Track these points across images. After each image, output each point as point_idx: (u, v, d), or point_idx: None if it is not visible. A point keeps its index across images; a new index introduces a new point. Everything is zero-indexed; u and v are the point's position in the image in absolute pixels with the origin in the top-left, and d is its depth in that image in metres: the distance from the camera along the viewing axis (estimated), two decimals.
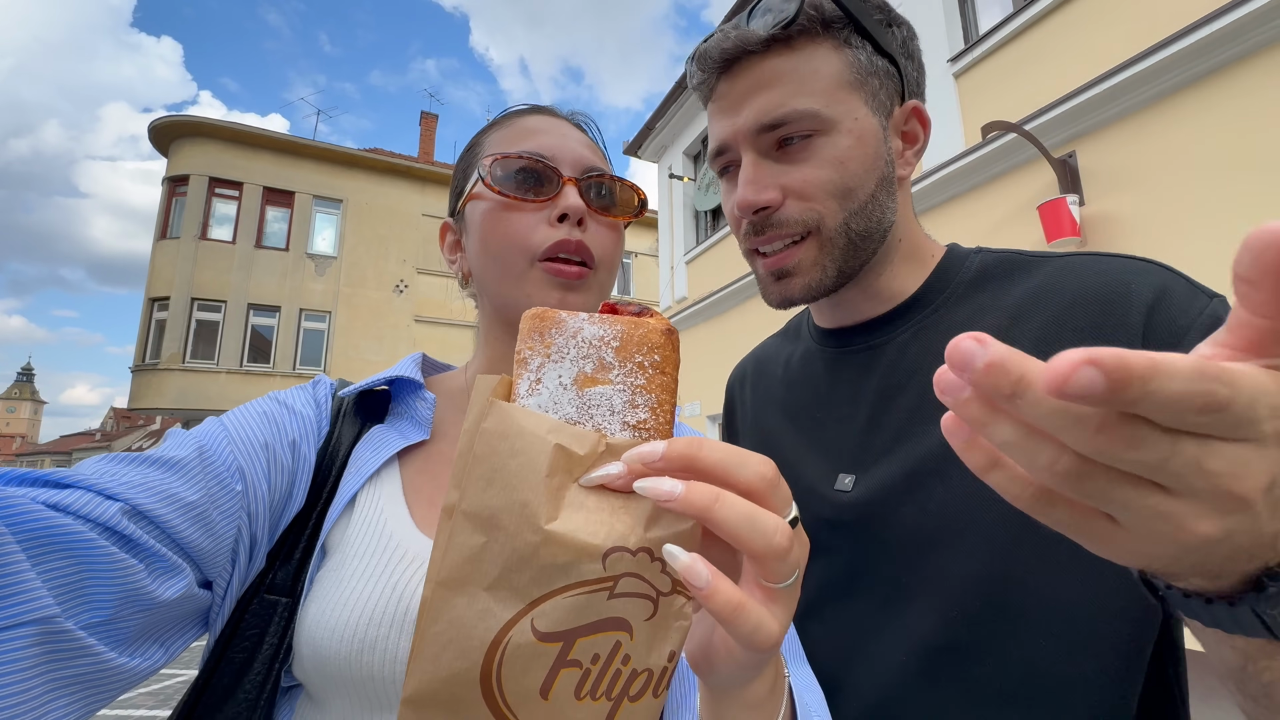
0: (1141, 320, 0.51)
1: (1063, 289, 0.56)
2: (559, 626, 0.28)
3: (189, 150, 13.80)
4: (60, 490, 0.38)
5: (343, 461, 0.54)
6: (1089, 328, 0.53)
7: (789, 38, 0.59)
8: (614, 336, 0.32)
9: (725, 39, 0.61)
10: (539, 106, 0.65)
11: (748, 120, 0.61)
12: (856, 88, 0.60)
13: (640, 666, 0.29)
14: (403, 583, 0.47)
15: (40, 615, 0.33)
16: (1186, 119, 3.15)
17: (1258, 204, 2.84)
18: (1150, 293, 0.52)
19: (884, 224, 0.62)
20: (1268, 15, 2.79)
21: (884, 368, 0.64)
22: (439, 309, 15.36)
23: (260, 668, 0.46)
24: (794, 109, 0.58)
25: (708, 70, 0.63)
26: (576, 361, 0.31)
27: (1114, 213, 3.41)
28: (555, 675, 0.28)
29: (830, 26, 0.60)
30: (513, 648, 0.28)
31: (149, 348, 13.24)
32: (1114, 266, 0.56)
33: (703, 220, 8.21)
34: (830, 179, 0.59)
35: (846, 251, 0.61)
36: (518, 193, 0.56)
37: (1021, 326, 0.57)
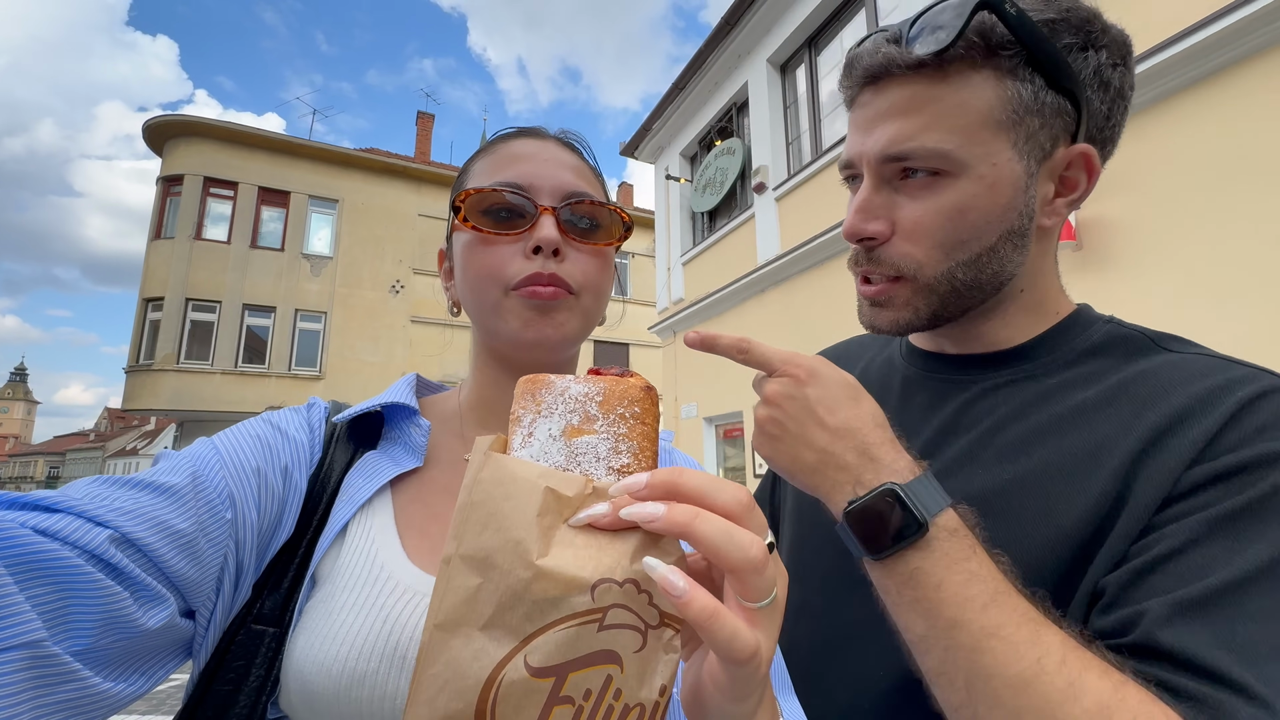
0: (1218, 425, 0.47)
1: (1163, 378, 0.53)
2: (551, 661, 0.29)
3: (184, 150, 13.73)
4: (49, 515, 0.37)
5: (334, 488, 0.54)
6: (1171, 416, 0.50)
7: (945, 63, 0.54)
8: (598, 393, 0.35)
9: (875, 52, 0.58)
10: (527, 129, 0.64)
11: (875, 145, 0.57)
12: (1007, 128, 0.54)
13: (632, 701, 0.30)
14: (394, 615, 0.46)
15: (28, 639, 0.33)
16: (1183, 123, 3.15)
17: (1251, 209, 2.85)
18: (1246, 393, 0.48)
19: (1001, 276, 0.58)
20: (1264, 19, 2.80)
21: (958, 406, 0.62)
22: (435, 309, 15.31)
23: (246, 701, 0.45)
24: (923, 145, 0.54)
25: (852, 82, 0.61)
26: (564, 415, 0.34)
27: (1111, 215, 3.41)
28: (548, 713, 0.29)
29: (996, 54, 0.53)
30: (506, 685, 0.29)
31: (143, 348, 13.17)
32: (1224, 368, 0.51)
33: (699, 221, 8.21)
34: (942, 227, 0.56)
35: (947, 298, 0.59)
36: (493, 226, 0.56)
37: (1112, 408, 0.53)
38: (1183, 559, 0.44)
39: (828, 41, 6.14)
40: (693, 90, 7.87)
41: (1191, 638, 0.41)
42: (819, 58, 6.27)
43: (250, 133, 14.16)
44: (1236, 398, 0.48)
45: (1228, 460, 0.46)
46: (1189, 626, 0.42)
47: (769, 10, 6.45)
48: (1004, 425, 0.58)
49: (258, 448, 0.51)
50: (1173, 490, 0.47)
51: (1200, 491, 0.46)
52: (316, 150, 14.78)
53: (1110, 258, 3.40)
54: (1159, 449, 0.49)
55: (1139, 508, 0.48)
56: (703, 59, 7.40)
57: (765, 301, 6.48)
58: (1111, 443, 0.51)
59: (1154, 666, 0.42)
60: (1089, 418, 0.54)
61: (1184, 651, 0.41)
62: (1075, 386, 0.57)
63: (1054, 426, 0.55)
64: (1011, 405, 0.59)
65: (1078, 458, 0.52)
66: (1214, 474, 0.46)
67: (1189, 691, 0.40)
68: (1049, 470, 0.53)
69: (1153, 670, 0.41)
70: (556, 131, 0.65)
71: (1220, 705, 0.38)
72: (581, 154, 0.64)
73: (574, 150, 0.64)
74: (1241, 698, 0.38)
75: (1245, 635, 0.41)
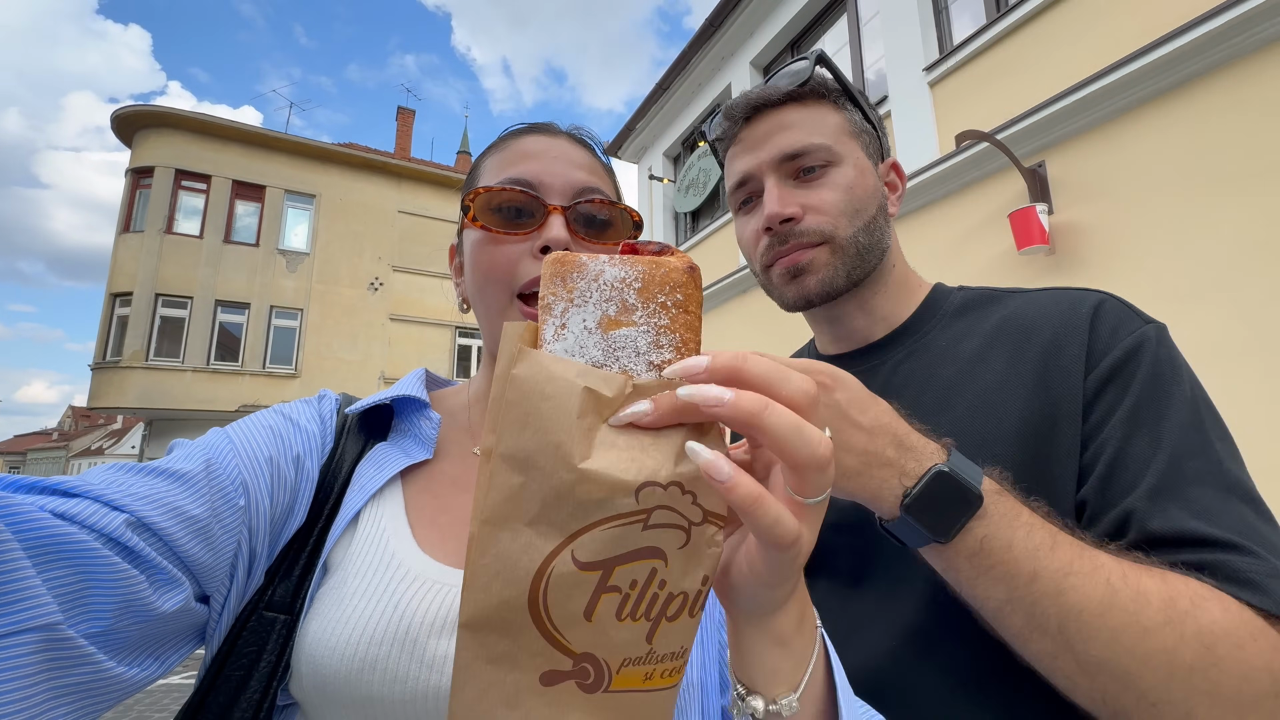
0: (1086, 329, 0.62)
1: (1023, 318, 0.67)
2: (597, 556, 0.29)
3: (154, 141, 13.36)
4: (67, 499, 0.38)
5: (345, 478, 0.54)
6: (1048, 343, 0.63)
7: (802, 95, 0.73)
8: (635, 278, 0.32)
9: (749, 95, 0.75)
10: (538, 125, 0.63)
11: (771, 152, 0.73)
12: (854, 137, 0.75)
13: (676, 590, 0.31)
14: (405, 602, 0.46)
15: (44, 622, 0.33)
16: (1151, 132, 3.25)
17: (1213, 216, 2.95)
18: (1089, 308, 0.63)
19: (883, 244, 0.75)
20: (1226, 34, 2.90)
21: (880, 386, 0.70)
22: (414, 307, 15.14)
23: (257, 686, 0.46)
24: (812, 143, 0.72)
25: (735, 118, 0.75)
26: (600, 305, 0.32)
27: (1081, 222, 3.51)
28: (597, 600, 0.30)
29: (831, 93, 0.75)
30: (556, 576, 0.29)
31: (110, 345, 12.78)
32: (1066, 295, 0.67)
33: (682, 222, 8.23)
34: (842, 200, 0.71)
35: (855, 259, 0.72)
36: (502, 225, 0.55)
37: (996, 349, 0.67)
38: (1125, 459, 0.56)
39: (810, 45, 6.21)
40: (676, 91, 7.88)
41: (1170, 519, 0.52)
42: None
43: (224, 125, 13.83)
44: (1083, 313, 0.63)
45: (1105, 363, 0.59)
46: (1165, 510, 0.52)
47: (752, 13, 6.50)
48: (923, 388, 0.69)
49: (270, 437, 0.52)
50: (1085, 399, 0.59)
51: (1103, 394, 0.59)
52: (293, 144, 14.48)
53: (1081, 261, 3.49)
54: (1053, 368, 0.62)
55: (1070, 420, 0.59)
56: (686, 60, 7.42)
57: (746, 301, 6.52)
58: (1011, 374, 0.63)
59: (1162, 552, 0.50)
60: (984, 360, 0.66)
61: (1174, 531, 0.51)
62: (961, 340, 0.70)
63: (960, 376, 0.67)
64: (920, 370, 0.70)
65: (990, 393, 0.64)
66: (1103, 377, 0.59)
67: (1195, 563, 0.49)
68: (972, 410, 0.64)
69: (1163, 555, 0.50)
70: (568, 127, 0.65)
71: (1217, 566, 0.49)
72: (593, 150, 0.64)
73: (585, 146, 0.63)
74: (1226, 551, 0.49)
75: (1201, 500, 0.52)
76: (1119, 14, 3.44)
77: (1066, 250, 3.55)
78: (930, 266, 4.33)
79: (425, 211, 15.71)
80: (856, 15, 5.51)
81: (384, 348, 14.69)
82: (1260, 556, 0.49)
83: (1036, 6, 3.85)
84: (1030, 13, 3.89)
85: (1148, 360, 0.59)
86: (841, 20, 5.73)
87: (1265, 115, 2.82)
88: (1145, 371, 0.58)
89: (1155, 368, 0.59)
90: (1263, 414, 2.71)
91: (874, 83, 5.32)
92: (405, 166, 15.62)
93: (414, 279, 15.27)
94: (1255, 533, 0.50)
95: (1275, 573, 0.48)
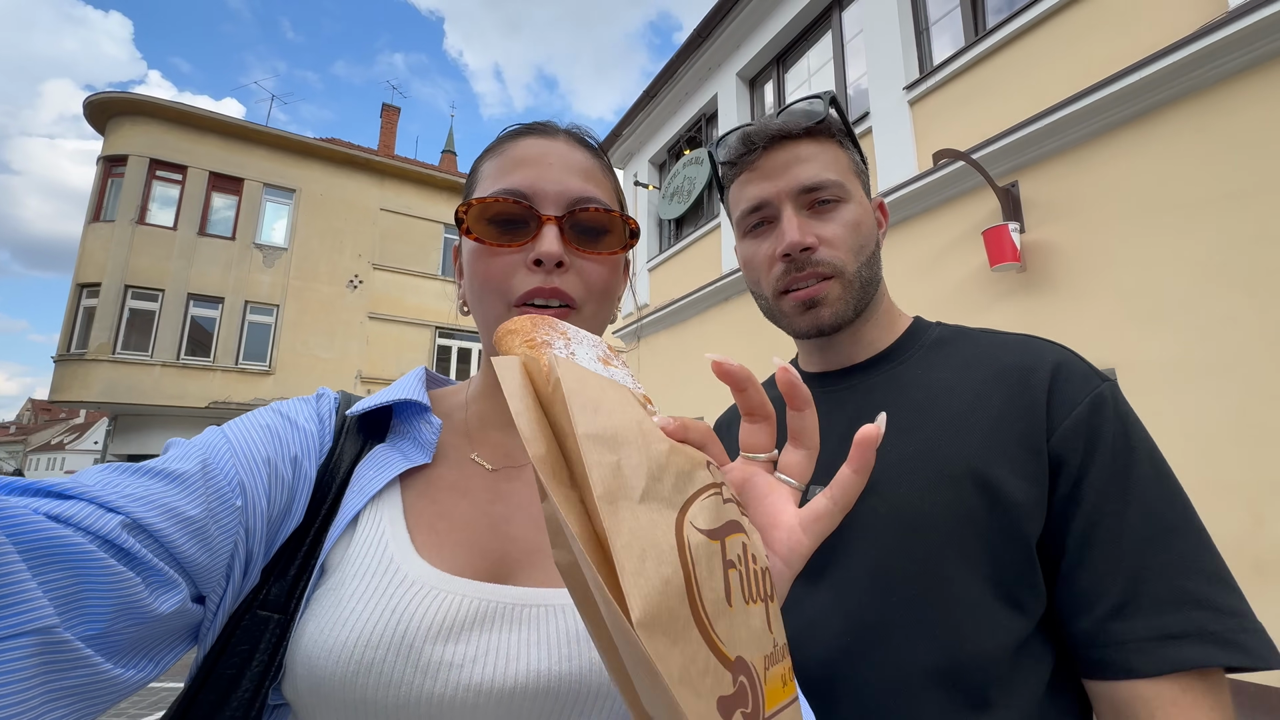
0: (1046, 387, 0.67)
1: (992, 361, 0.73)
2: (710, 525, 0.28)
3: (128, 129, 13.02)
4: (62, 501, 0.38)
5: (343, 479, 0.54)
6: (1012, 390, 0.69)
7: (816, 132, 0.79)
8: (597, 342, 0.38)
9: (771, 123, 0.79)
10: (535, 126, 0.62)
11: (790, 183, 0.77)
12: (856, 175, 0.81)
13: (761, 565, 0.30)
14: (402, 606, 0.46)
15: (40, 625, 0.33)
16: (1119, 156, 3.37)
17: (1174, 239, 3.07)
18: (1050, 368, 0.68)
19: (878, 275, 0.81)
20: (1190, 66, 3.03)
21: (856, 404, 0.78)
22: (394, 306, 14.95)
23: (249, 685, 0.45)
24: (828, 178, 0.77)
25: (754, 145, 0.79)
26: (591, 347, 0.36)
27: (1051, 241, 3.62)
28: (727, 576, 0.27)
29: (839, 132, 0.81)
30: (694, 546, 0.26)
31: (75, 337, 12.37)
32: (1032, 346, 0.73)
33: (666, 229, 8.28)
34: (851, 235, 0.76)
35: (860, 292, 0.77)
36: (496, 237, 0.55)
37: (963, 383, 0.72)
38: (1110, 572, 0.60)
39: (795, 60, 6.31)
40: (664, 99, 7.95)
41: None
42: (786, 75, 6.44)
43: (202, 115, 13.53)
44: (1045, 370, 0.68)
45: (1067, 425, 0.64)
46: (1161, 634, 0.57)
47: (740, 25, 6.59)
48: (895, 409, 0.74)
49: (267, 437, 0.52)
50: (1050, 458, 0.64)
51: (1066, 461, 0.63)
52: (274, 137, 14.22)
53: (1051, 280, 3.60)
54: (1010, 416, 0.67)
55: (1032, 473, 0.63)
56: (674, 69, 7.49)
57: (727, 310, 6.58)
58: (977, 405, 0.69)
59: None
60: (953, 391, 0.72)
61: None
62: (934, 370, 0.76)
63: (930, 402, 0.72)
64: (894, 393, 0.76)
65: (956, 419, 0.69)
66: (1065, 445, 0.63)
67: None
68: (939, 433, 0.69)
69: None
70: (567, 126, 0.63)
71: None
72: (591, 150, 0.62)
73: (584, 147, 0.62)
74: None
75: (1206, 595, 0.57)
76: (1091, 42, 3.57)
77: (1037, 268, 3.66)
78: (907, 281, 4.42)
79: (407, 210, 15.55)
80: (841, 33, 5.63)
81: (362, 346, 14.47)
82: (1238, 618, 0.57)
83: (1014, 31, 3.98)
84: (1007, 37, 4.02)
85: (1110, 423, 0.64)
86: (826, 37, 5.84)
87: (1226, 145, 2.95)
88: (1108, 436, 0.63)
89: (1120, 428, 0.64)
90: (1220, 432, 2.82)
91: (856, 99, 5.42)
92: (388, 164, 15.45)
93: (394, 277, 15.09)
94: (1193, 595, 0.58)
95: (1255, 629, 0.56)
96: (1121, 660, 0.57)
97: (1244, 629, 0.56)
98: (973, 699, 0.60)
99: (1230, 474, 2.76)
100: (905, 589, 0.65)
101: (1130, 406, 0.67)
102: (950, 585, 0.63)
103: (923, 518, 0.65)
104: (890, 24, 4.89)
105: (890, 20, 4.89)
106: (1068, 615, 0.62)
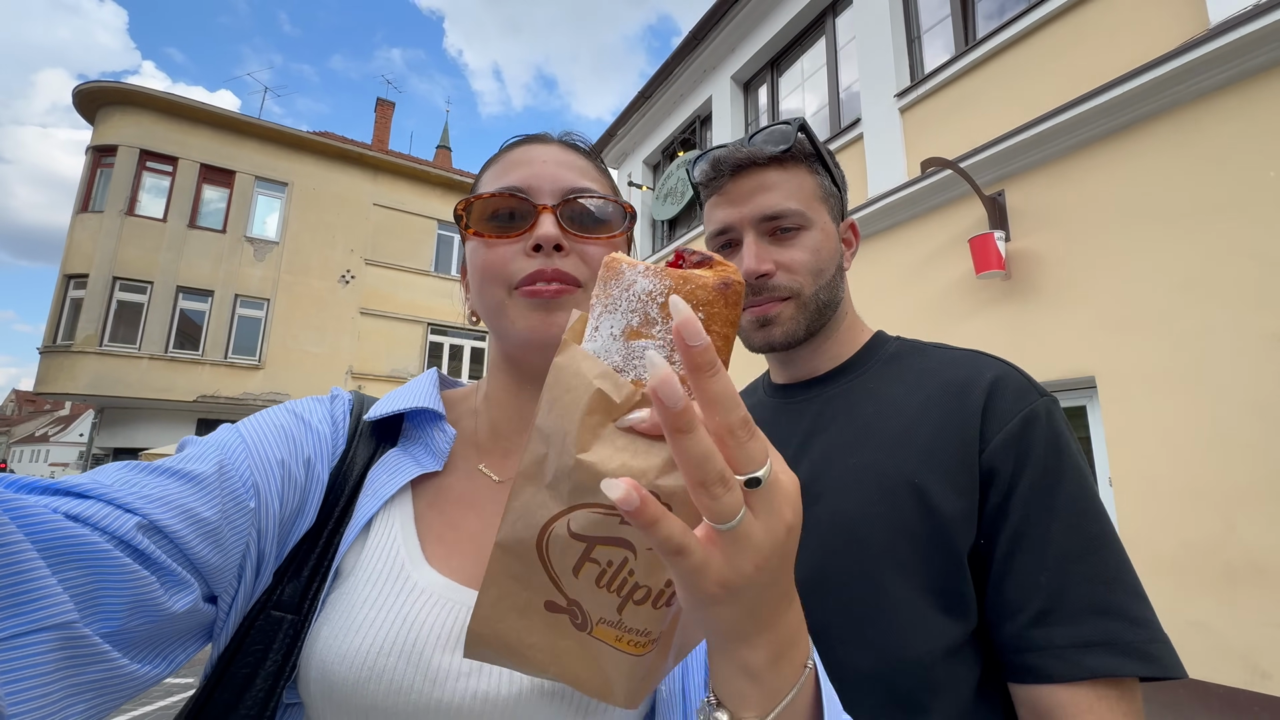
0: (982, 402, 0.70)
1: (941, 373, 0.77)
2: (584, 531, 0.34)
3: (119, 119, 12.89)
4: (80, 501, 0.39)
5: (356, 482, 0.55)
6: (951, 405, 0.72)
7: (783, 159, 0.81)
8: (661, 292, 0.33)
9: (739, 150, 0.81)
10: (532, 136, 0.65)
11: (753, 210, 0.80)
12: (823, 201, 0.83)
13: (642, 582, 0.35)
14: (413, 615, 0.47)
15: (60, 621, 0.34)
16: (1103, 168, 3.43)
17: (1153, 250, 3.13)
18: (988, 384, 0.72)
19: (837, 298, 0.84)
20: (1169, 82, 3.09)
21: (812, 415, 0.82)
22: (386, 302, 14.88)
23: (263, 684, 0.46)
24: (788, 208, 0.80)
25: (722, 171, 0.83)
26: (626, 315, 0.33)
27: (1036, 250, 3.67)
28: (582, 564, 0.35)
29: (808, 158, 0.83)
30: (554, 536, 0.34)
31: (62, 328, 12.24)
32: (976, 362, 0.76)
33: (659, 229, 8.30)
34: (809, 260, 0.80)
35: (814, 314, 0.81)
36: (496, 231, 0.57)
37: (913, 395, 0.76)
38: (1020, 550, 0.64)
39: (789, 64, 6.36)
40: (659, 100, 7.97)
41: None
42: (780, 79, 6.48)
43: (194, 106, 13.41)
44: (983, 383, 0.72)
45: (1001, 438, 0.67)
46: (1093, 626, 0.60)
47: (735, 29, 6.62)
48: (846, 423, 0.78)
49: (282, 439, 0.53)
50: (982, 471, 0.67)
51: (998, 470, 0.67)
52: (266, 130, 14.12)
53: (1034, 289, 3.66)
54: (948, 427, 0.70)
55: (964, 484, 0.67)
56: (669, 70, 7.51)
57: None
58: (920, 420, 0.73)
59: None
60: (900, 405, 0.76)
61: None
62: (886, 384, 0.80)
63: (878, 416, 0.76)
64: (846, 406, 0.80)
65: (900, 433, 0.73)
66: (999, 452, 0.67)
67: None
68: (883, 448, 0.73)
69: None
70: (560, 134, 0.66)
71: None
72: (584, 153, 0.64)
73: (577, 151, 0.64)
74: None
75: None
76: (1079, 54, 3.63)
77: (1021, 276, 3.71)
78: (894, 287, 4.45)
79: (401, 205, 15.48)
80: (834, 39, 5.67)
81: (353, 342, 14.40)
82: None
83: (1003, 41, 4.03)
84: (997, 47, 4.07)
85: (1041, 436, 0.67)
86: (820, 42, 5.89)
87: (1204, 160, 3.01)
88: (1038, 451, 0.66)
89: (1051, 442, 0.67)
90: (1193, 438, 2.88)
91: (848, 104, 5.47)
92: (382, 159, 15.37)
93: (387, 273, 15.02)
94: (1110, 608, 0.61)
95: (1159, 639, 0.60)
96: (1041, 665, 0.60)
97: (1154, 639, 0.59)
98: (905, 702, 0.63)
99: (1203, 481, 2.83)
100: (842, 593, 0.68)
101: (1065, 423, 0.70)
102: (885, 593, 0.66)
103: (861, 527, 0.69)
104: (882, 31, 4.94)
105: (882, 27, 4.94)
106: (994, 622, 0.65)
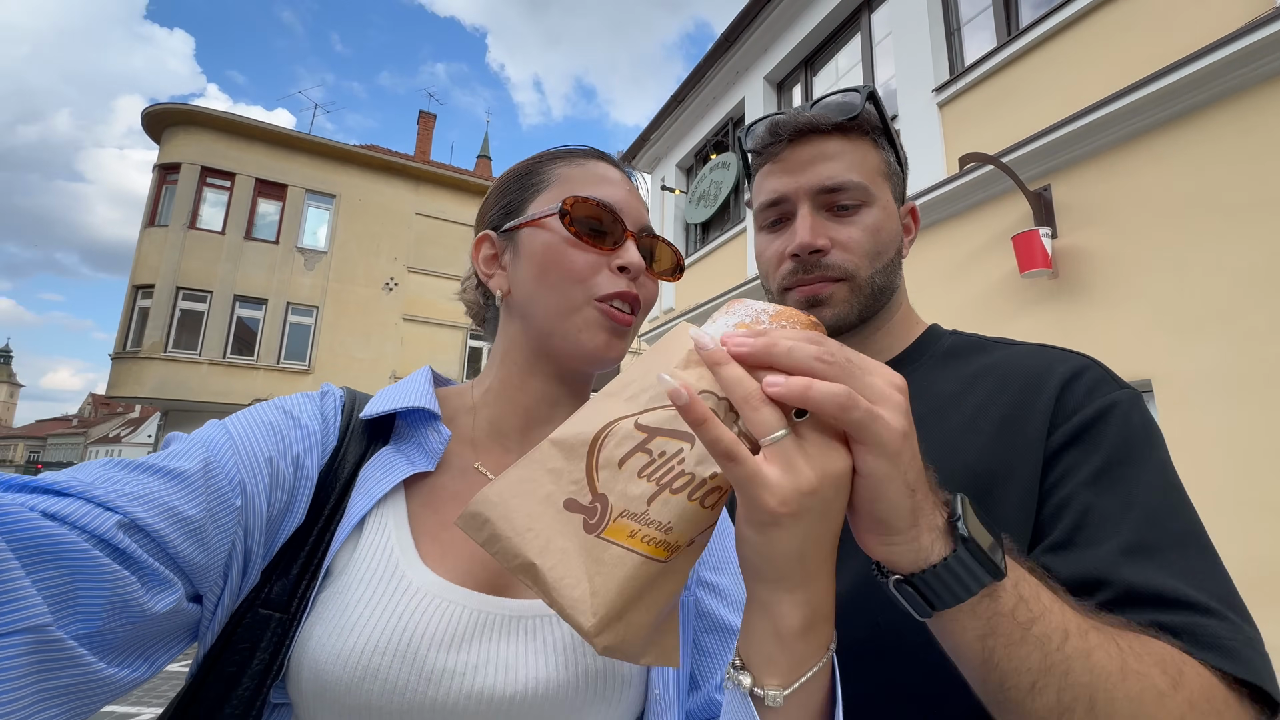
0: (1054, 397, 0.62)
1: (1002, 369, 0.69)
2: (650, 424, 0.39)
3: (181, 138, 13.71)
4: (58, 499, 0.38)
5: (347, 480, 0.54)
6: (1015, 401, 0.65)
7: (848, 129, 0.74)
8: (764, 311, 0.43)
9: (800, 115, 0.75)
10: (601, 153, 0.68)
11: (810, 180, 0.73)
12: (887, 178, 0.77)
13: (688, 470, 0.38)
14: (407, 615, 0.47)
15: (33, 624, 0.33)
16: (1155, 160, 3.26)
17: (1214, 245, 2.95)
18: (1068, 369, 0.64)
19: (894, 285, 0.77)
20: (1231, 66, 2.91)
21: None
22: (428, 308, 15.31)
23: (250, 683, 0.46)
24: (851, 180, 0.73)
25: (780, 137, 0.75)
26: (739, 316, 0.43)
27: (1085, 247, 3.51)
28: (632, 454, 0.39)
29: (874, 130, 0.76)
30: (615, 429, 0.40)
31: (130, 335, 13.08)
32: (1048, 353, 0.68)
33: (692, 233, 8.29)
34: (868, 241, 0.73)
35: (869, 300, 0.74)
36: (589, 236, 0.60)
37: (969, 395, 0.69)
38: (1094, 516, 0.55)
39: (824, 63, 6.26)
40: (691, 103, 7.97)
41: (1148, 577, 0.50)
42: (814, 78, 6.39)
43: (250, 124, 14.15)
44: (1060, 373, 0.64)
45: (1072, 424, 0.60)
46: (1142, 568, 0.51)
47: (768, 29, 6.57)
48: None
49: (271, 436, 0.51)
50: (1045, 455, 0.60)
51: (1064, 453, 0.59)
52: (316, 145, 14.79)
53: (1083, 288, 3.50)
54: (1016, 420, 0.63)
55: (1025, 476, 0.60)
56: (702, 73, 7.50)
57: None
58: (978, 419, 0.66)
59: (1133, 611, 0.49)
60: (957, 402, 0.69)
61: (1152, 590, 0.50)
62: (940, 381, 0.73)
63: (931, 415, 0.69)
64: None
65: (954, 435, 0.66)
66: (1068, 436, 0.60)
67: (1168, 625, 0.48)
68: (935, 449, 0.63)
69: (1133, 615, 0.48)
70: (625, 165, 0.70)
71: (1192, 629, 0.48)
72: (641, 190, 0.70)
73: (639, 186, 0.69)
74: (1201, 615, 0.48)
75: (1178, 562, 0.51)
76: (1127, 41, 3.46)
77: (1069, 275, 3.56)
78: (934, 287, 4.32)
79: (442, 214, 15.92)
80: (870, 35, 5.57)
81: (396, 347, 14.87)
82: (1234, 623, 0.48)
83: (1048, 30, 3.88)
84: (1040, 37, 3.92)
85: (1117, 424, 0.59)
86: (855, 39, 5.79)
87: (1268, 147, 2.82)
88: (1115, 434, 0.58)
89: (1126, 431, 0.58)
90: (1261, 447, 2.71)
91: (884, 101, 5.36)
92: (424, 170, 15.86)
93: (428, 280, 15.45)
94: (1230, 598, 0.50)
95: (1249, 641, 0.48)
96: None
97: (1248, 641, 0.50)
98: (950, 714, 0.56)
99: (1272, 493, 2.65)
100: (890, 612, 0.57)
101: (1148, 416, 0.61)
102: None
103: None
104: (920, 25, 4.82)
105: (920, 21, 4.82)
106: None
